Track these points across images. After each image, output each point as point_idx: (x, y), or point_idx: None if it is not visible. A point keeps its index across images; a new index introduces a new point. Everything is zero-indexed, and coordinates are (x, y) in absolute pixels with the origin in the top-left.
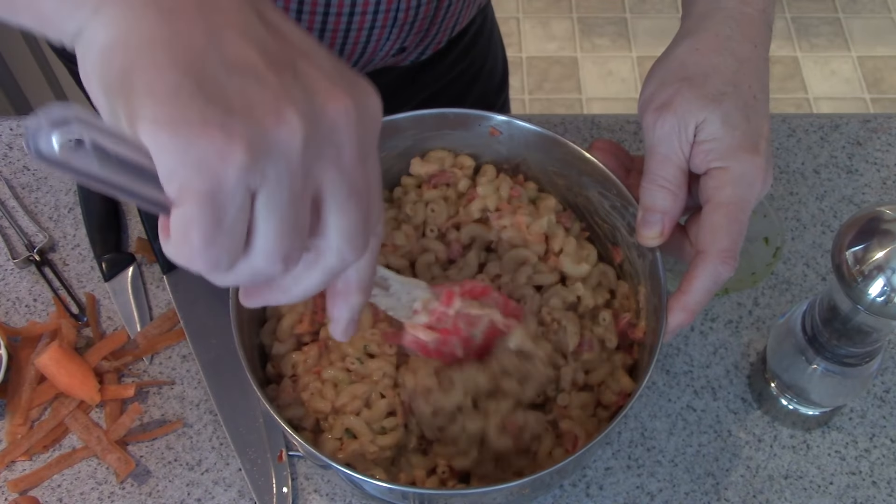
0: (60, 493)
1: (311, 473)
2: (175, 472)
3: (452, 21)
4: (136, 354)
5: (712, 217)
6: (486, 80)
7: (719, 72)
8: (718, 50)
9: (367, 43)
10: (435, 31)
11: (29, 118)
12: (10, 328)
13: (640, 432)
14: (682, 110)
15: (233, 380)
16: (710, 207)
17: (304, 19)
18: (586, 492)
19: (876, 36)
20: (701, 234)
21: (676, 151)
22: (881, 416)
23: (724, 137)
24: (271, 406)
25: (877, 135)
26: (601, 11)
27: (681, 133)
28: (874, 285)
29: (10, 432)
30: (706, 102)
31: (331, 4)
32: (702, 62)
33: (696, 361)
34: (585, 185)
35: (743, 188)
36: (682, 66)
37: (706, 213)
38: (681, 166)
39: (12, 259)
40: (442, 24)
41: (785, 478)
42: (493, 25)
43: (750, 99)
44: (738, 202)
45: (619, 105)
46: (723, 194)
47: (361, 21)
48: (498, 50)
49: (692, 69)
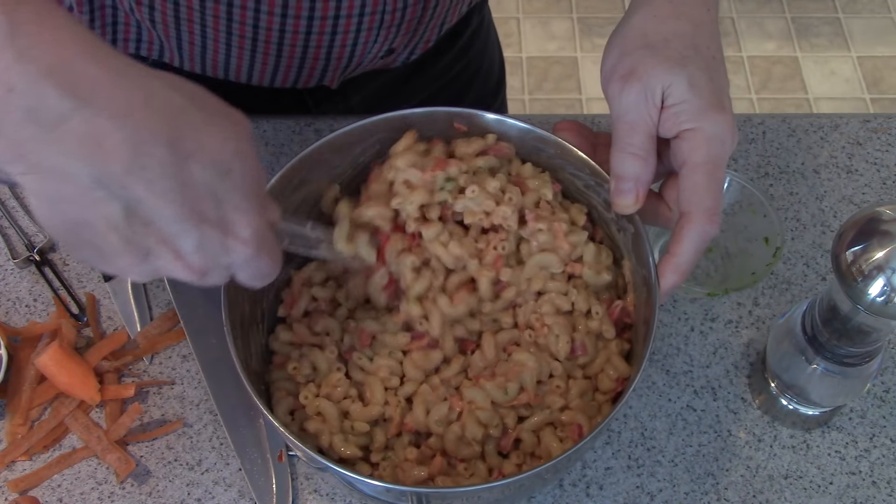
0: (60, 493)
1: (311, 473)
2: (175, 472)
3: (440, 20)
4: (136, 354)
5: (692, 178)
6: (483, 82)
7: (679, 36)
8: (675, 15)
9: (354, 46)
10: (423, 31)
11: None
12: (10, 328)
13: (640, 432)
14: (647, 77)
15: (233, 380)
16: (687, 169)
17: (288, 24)
18: (586, 492)
19: (876, 36)
20: (683, 196)
21: (644, 117)
22: (881, 416)
23: (692, 99)
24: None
25: (877, 135)
26: (601, 11)
27: (648, 99)
28: (874, 285)
29: (10, 432)
30: (671, 66)
31: (315, 9)
32: (661, 28)
33: (696, 361)
34: (557, 168)
35: (716, 146)
36: (641, 34)
37: (685, 176)
38: (649, 132)
39: (12, 259)
40: (429, 23)
41: (785, 478)
42: (490, 27)
43: (710, 60)
44: (714, 160)
45: None
46: (698, 155)
47: (347, 24)
48: (495, 52)
49: (652, 36)
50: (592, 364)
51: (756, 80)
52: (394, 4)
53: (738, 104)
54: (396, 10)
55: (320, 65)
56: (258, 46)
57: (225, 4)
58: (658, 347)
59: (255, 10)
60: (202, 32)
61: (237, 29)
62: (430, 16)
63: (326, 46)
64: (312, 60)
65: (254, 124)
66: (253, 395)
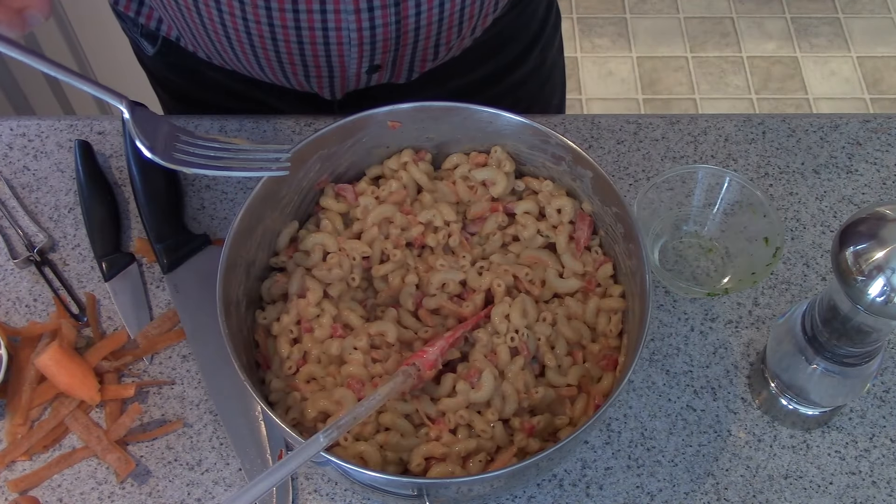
0: (60, 493)
1: (311, 473)
2: (175, 472)
3: (431, 47)
4: (136, 354)
5: None
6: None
7: None
8: None
9: (342, 52)
10: (412, 54)
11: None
12: (10, 328)
13: (640, 432)
14: None
15: (233, 380)
16: None
17: (275, 16)
18: (586, 492)
19: (876, 36)
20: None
21: None
22: (881, 416)
23: None
24: (261, 401)
25: (877, 135)
26: (601, 11)
27: None
28: (874, 285)
29: (10, 432)
30: None
31: (299, 1)
32: None
33: (696, 361)
34: (499, 141)
35: None
36: None
37: None
38: None
39: (12, 259)
40: (416, 48)
41: (785, 478)
42: (553, 70)
43: None
44: None
45: (619, 105)
46: None
47: (337, 20)
48: (552, 96)
49: None
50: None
51: (756, 80)
52: (371, 21)
53: (739, 104)
54: (375, 27)
55: (324, 72)
56: (254, 41)
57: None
58: (658, 347)
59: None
60: (202, 23)
61: (229, 21)
62: (412, 40)
63: (322, 42)
64: (314, 62)
65: (254, 124)
66: (253, 394)
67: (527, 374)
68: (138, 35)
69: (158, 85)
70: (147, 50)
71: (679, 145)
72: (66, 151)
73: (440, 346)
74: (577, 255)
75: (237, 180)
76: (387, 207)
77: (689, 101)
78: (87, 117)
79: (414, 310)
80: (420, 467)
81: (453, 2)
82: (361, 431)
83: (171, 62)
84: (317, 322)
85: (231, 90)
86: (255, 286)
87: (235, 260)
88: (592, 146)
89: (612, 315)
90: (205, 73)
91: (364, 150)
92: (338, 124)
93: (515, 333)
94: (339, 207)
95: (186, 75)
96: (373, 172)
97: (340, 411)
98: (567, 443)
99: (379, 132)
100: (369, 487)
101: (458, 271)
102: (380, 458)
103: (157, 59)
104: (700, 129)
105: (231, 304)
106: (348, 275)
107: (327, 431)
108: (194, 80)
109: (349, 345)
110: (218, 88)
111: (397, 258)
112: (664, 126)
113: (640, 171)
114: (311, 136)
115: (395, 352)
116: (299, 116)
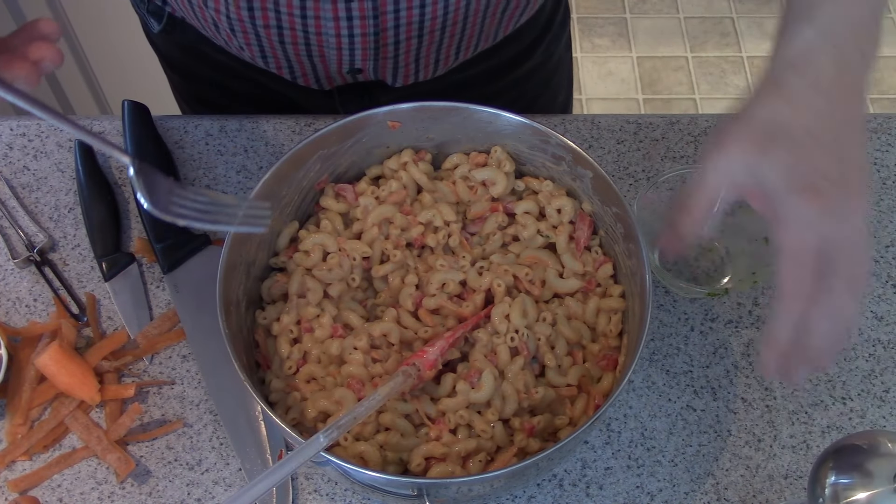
0: (60, 493)
1: (311, 473)
2: (175, 472)
3: (413, 60)
4: (136, 354)
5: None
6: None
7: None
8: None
9: (328, 43)
10: (395, 64)
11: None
12: (11, 328)
13: (640, 432)
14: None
15: (233, 380)
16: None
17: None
18: (586, 492)
19: None
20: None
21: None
22: (881, 416)
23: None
24: (261, 400)
25: (877, 135)
26: (601, 11)
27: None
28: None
29: (11, 432)
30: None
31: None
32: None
33: (696, 361)
34: (499, 141)
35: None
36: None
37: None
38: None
39: (12, 259)
40: (398, 59)
41: (785, 478)
42: (560, 72)
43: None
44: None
45: (619, 105)
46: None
47: (316, 8)
48: (558, 92)
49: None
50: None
51: (756, 80)
52: (350, 30)
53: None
54: (354, 35)
55: (307, 69)
56: (237, 36)
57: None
58: (658, 347)
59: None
60: (192, 8)
61: (213, 15)
62: (392, 53)
63: (303, 43)
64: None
65: (254, 124)
66: (253, 394)
67: (527, 374)
68: (145, 11)
69: (165, 62)
70: (153, 27)
71: (679, 145)
72: (66, 151)
73: (440, 346)
74: (577, 255)
75: (237, 181)
76: (387, 207)
77: (690, 101)
78: (86, 117)
79: (414, 310)
80: (420, 467)
81: (434, 21)
82: (361, 431)
83: (175, 39)
84: (317, 322)
85: (233, 70)
86: (255, 286)
87: (235, 260)
88: (592, 146)
89: (612, 315)
90: (207, 51)
91: (364, 150)
92: (338, 124)
93: (515, 333)
94: (339, 207)
95: (192, 53)
96: (373, 172)
97: (340, 411)
98: (567, 443)
99: (379, 132)
100: (369, 487)
101: (458, 271)
102: (380, 458)
103: (162, 36)
104: (700, 129)
105: (231, 304)
106: (348, 275)
107: (327, 431)
108: (198, 58)
109: (349, 345)
110: (221, 67)
111: (397, 258)
112: (664, 126)
113: (640, 171)
114: (311, 136)
115: (395, 352)
116: (299, 116)
